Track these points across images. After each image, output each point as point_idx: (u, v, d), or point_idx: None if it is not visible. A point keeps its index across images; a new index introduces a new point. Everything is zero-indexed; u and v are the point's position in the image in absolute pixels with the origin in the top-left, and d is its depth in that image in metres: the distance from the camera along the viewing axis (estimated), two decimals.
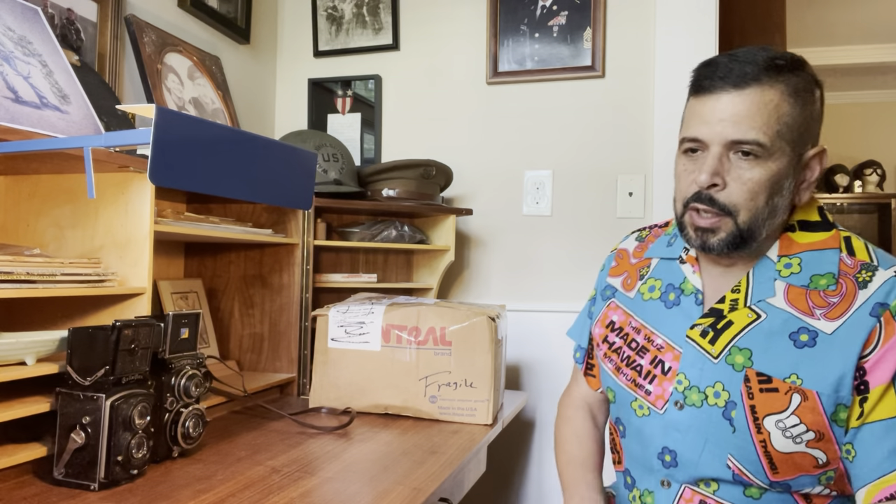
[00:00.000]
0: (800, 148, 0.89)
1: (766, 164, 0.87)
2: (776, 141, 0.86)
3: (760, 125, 0.86)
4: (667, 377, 0.95)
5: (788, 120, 0.87)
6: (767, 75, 0.87)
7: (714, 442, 0.89)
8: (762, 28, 2.38)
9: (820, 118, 0.92)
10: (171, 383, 1.03)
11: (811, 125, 0.90)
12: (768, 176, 0.87)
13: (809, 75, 0.90)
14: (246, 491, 0.90)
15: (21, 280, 0.94)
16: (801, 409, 0.84)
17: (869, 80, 4.76)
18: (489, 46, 2.02)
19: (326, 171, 1.72)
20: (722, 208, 0.89)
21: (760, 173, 0.87)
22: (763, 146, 0.86)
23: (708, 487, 0.91)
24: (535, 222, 2.00)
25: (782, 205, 0.90)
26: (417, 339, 1.35)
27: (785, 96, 0.87)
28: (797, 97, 0.87)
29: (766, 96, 0.86)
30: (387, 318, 1.37)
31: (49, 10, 1.37)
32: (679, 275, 1.00)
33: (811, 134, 0.90)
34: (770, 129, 0.86)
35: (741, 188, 0.87)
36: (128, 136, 0.82)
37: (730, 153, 0.88)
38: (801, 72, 0.90)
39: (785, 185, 0.89)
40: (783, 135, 0.87)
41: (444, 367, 1.33)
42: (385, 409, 1.36)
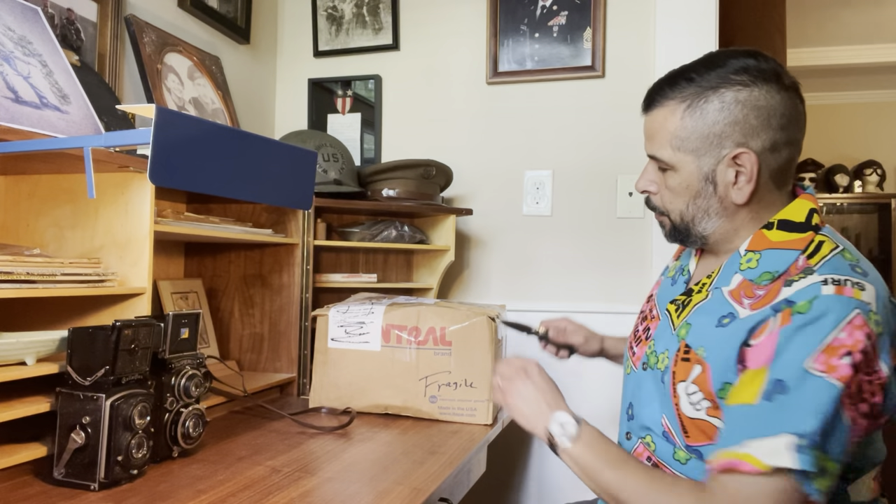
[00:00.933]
0: (709, 154, 0.93)
1: (676, 175, 0.96)
2: (675, 154, 0.95)
3: (659, 143, 0.97)
4: (646, 342, 1.05)
5: (681, 133, 0.94)
6: (662, 94, 0.96)
7: (657, 401, 0.98)
8: (762, 28, 2.38)
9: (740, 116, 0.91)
10: (171, 383, 1.03)
11: (717, 129, 0.92)
12: (679, 184, 0.97)
13: (713, 78, 0.92)
14: (246, 491, 0.90)
15: (21, 280, 0.94)
16: (699, 378, 0.91)
17: (869, 80, 4.76)
18: (489, 46, 2.02)
19: (326, 170, 1.72)
20: (658, 210, 1.03)
21: (674, 182, 0.97)
22: (663, 161, 0.97)
23: (650, 446, 0.99)
24: (535, 222, 2.00)
25: (712, 206, 0.96)
26: (417, 339, 1.35)
27: (674, 111, 0.94)
28: (691, 108, 0.93)
29: (659, 116, 0.97)
30: (387, 318, 1.37)
31: (49, 10, 1.37)
32: (688, 260, 1.10)
33: (723, 136, 0.92)
34: (665, 145, 0.96)
35: (663, 194, 1.00)
36: (128, 136, 0.82)
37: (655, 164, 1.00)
38: (704, 77, 0.93)
39: (702, 190, 0.95)
40: (680, 147, 0.95)
41: (444, 367, 1.33)
42: (385, 409, 1.36)
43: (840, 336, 0.78)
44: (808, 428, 0.75)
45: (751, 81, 0.91)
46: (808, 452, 0.75)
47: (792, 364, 0.79)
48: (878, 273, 0.89)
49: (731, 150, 0.92)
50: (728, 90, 0.91)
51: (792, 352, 0.80)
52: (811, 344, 0.79)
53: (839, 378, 0.77)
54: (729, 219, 0.96)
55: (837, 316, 0.80)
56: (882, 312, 0.82)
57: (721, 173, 0.93)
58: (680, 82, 0.95)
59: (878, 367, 0.80)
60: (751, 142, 0.91)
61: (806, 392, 0.77)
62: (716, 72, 0.93)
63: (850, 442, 0.79)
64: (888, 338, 0.82)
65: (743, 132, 0.91)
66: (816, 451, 0.75)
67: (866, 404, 0.79)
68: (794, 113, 0.93)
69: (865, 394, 0.79)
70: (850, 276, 0.83)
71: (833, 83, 4.82)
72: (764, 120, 0.91)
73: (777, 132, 0.92)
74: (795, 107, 0.93)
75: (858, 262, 0.87)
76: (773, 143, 0.92)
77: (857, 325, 0.79)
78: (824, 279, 0.83)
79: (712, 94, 0.92)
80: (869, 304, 0.81)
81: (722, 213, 0.96)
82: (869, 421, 0.81)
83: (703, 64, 0.95)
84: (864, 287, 0.82)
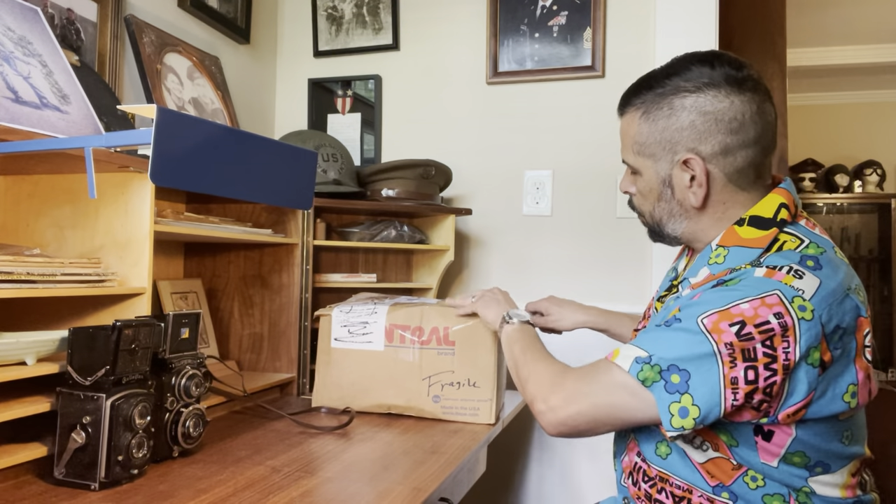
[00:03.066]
0: (664, 159, 0.98)
1: (641, 179, 1.02)
2: (637, 158, 1.01)
3: (626, 147, 1.03)
4: None
5: (640, 138, 0.99)
6: (626, 101, 1.02)
7: None
8: (762, 28, 2.38)
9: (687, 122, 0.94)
10: (172, 383, 1.03)
11: (667, 135, 0.96)
12: (645, 187, 1.02)
13: (668, 86, 0.96)
14: (246, 491, 0.90)
15: (21, 280, 0.94)
16: None
17: (869, 80, 4.76)
18: (489, 46, 2.02)
19: (326, 171, 1.72)
20: (637, 211, 1.08)
21: (641, 185, 1.03)
22: (630, 165, 1.03)
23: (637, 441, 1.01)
24: (535, 222, 2.00)
25: (673, 208, 1.00)
26: (421, 338, 1.35)
27: (634, 118, 1.00)
28: (646, 115, 0.98)
29: (625, 122, 1.02)
30: (390, 317, 1.36)
31: (49, 10, 1.37)
32: (681, 259, 1.13)
33: (674, 142, 0.96)
34: (630, 150, 1.02)
35: (636, 197, 1.06)
36: (129, 136, 0.82)
37: None
38: (661, 83, 0.96)
39: (662, 193, 1.00)
40: (640, 152, 1.00)
41: (447, 367, 1.33)
42: (388, 408, 1.36)
43: (743, 307, 0.83)
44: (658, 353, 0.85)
45: (697, 88, 0.94)
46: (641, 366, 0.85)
47: (692, 313, 0.85)
48: (848, 272, 0.89)
49: (682, 154, 0.95)
50: (676, 97, 0.95)
51: (699, 304, 0.86)
52: (714, 304, 0.84)
53: (717, 341, 0.82)
54: (692, 220, 1.00)
55: (751, 291, 0.84)
56: (821, 305, 0.83)
57: (676, 177, 0.97)
58: (641, 90, 0.99)
59: (789, 349, 0.81)
60: (700, 146, 0.94)
61: (682, 336, 0.85)
62: (670, 79, 0.97)
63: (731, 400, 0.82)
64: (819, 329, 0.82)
65: (692, 137, 0.94)
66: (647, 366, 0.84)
67: (754, 372, 0.82)
68: (749, 115, 0.93)
69: (758, 364, 0.81)
70: (791, 264, 0.86)
71: (833, 83, 4.82)
72: (711, 125, 0.93)
73: (728, 135, 0.93)
74: (749, 109, 0.93)
75: (819, 256, 0.88)
76: (725, 147, 0.93)
77: (767, 303, 0.82)
78: (762, 266, 0.87)
79: (662, 100, 0.96)
80: (800, 290, 0.83)
81: (684, 214, 1.00)
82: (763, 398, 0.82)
83: (662, 71, 0.98)
84: (802, 276, 0.84)
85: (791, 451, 0.87)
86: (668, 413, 0.83)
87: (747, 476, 0.88)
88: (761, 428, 0.87)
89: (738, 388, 0.82)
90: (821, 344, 0.82)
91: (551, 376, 0.95)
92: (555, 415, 0.90)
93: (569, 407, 0.89)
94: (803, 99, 5.00)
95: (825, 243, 0.91)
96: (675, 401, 0.83)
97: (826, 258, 0.88)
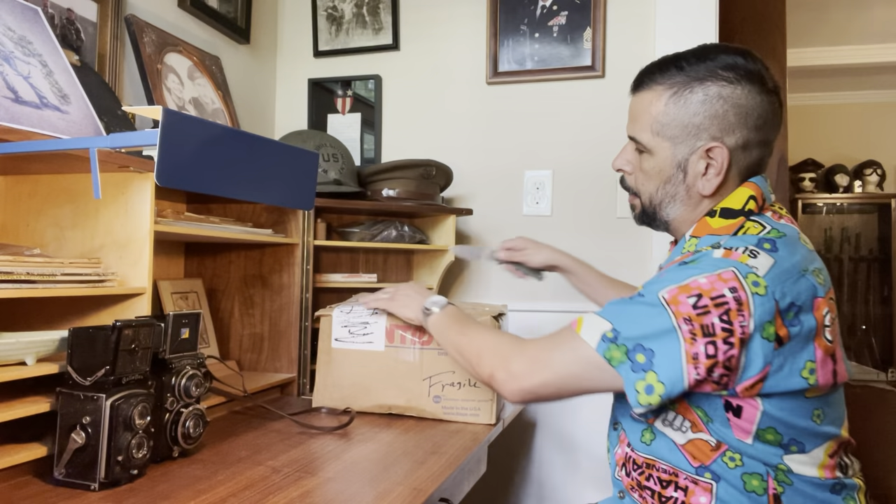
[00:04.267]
0: (685, 143, 0.97)
1: (651, 159, 1.00)
2: (653, 138, 0.99)
3: (641, 125, 1.00)
4: None
5: (663, 118, 0.97)
6: (650, 77, 0.99)
7: None
8: (762, 28, 2.38)
9: (720, 111, 0.95)
10: (172, 383, 1.03)
11: (697, 120, 0.96)
12: (653, 168, 1.01)
13: (702, 70, 0.95)
14: (246, 491, 0.90)
15: (21, 280, 0.93)
16: None
17: (869, 80, 4.76)
18: (489, 46, 2.02)
19: (326, 170, 1.72)
20: (630, 190, 1.07)
21: (648, 165, 1.01)
22: (642, 143, 1.01)
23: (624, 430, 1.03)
24: (535, 222, 2.00)
25: (679, 192, 1.00)
26: (421, 339, 1.34)
27: (660, 96, 0.98)
28: (675, 95, 0.96)
29: (645, 99, 1.00)
30: (391, 318, 1.36)
31: (49, 10, 1.37)
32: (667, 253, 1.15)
33: (701, 128, 0.96)
34: (646, 128, 0.99)
35: (637, 175, 1.05)
36: (134, 137, 0.82)
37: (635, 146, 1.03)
38: (694, 67, 0.96)
39: (673, 176, 0.99)
40: (659, 132, 0.98)
41: (447, 367, 1.33)
42: (389, 409, 1.36)
43: (700, 281, 0.86)
44: (624, 332, 0.87)
45: (736, 79, 0.95)
46: (608, 345, 0.87)
47: (654, 288, 0.88)
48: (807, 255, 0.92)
49: (706, 142, 0.96)
50: (713, 84, 0.95)
51: (660, 280, 0.89)
52: (674, 279, 0.88)
53: (675, 313, 0.85)
54: (692, 207, 1.01)
55: (708, 267, 0.87)
56: (774, 282, 0.86)
57: (693, 163, 0.98)
58: (670, 69, 0.97)
59: (745, 323, 0.84)
60: (726, 137, 0.96)
61: (645, 307, 0.87)
62: (705, 64, 0.96)
63: (694, 375, 0.85)
64: (772, 304, 0.85)
65: (720, 127, 0.96)
66: (613, 345, 0.87)
67: (713, 347, 0.84)
68: (771, 116, 0.97)
69: (717, 338, 0.84)
70: (748, 246, 0.89)
71: (833, 83, 4.82)
72: (742, 118, 0.95)
73: (752, 132, 0.96)
74: (774, 110, 0.97)
75: (777, 239, 0.91)
76: (746, 142, 0.96)
77: (722, 278, 0.85)
78: (721, 248, 0.90)
79: (698, 85, 0.95)
80: (754, 268, 0.86)
81: (687, 200, 1.00)
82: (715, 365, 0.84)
83: (694, 54, 0.97)
84: (756, 255, 0.88)
85: (762, 427, 0.88)
86: (635, 391, 0.86)
87: (726, 456, 0.90)
88: (731, 404, 0.89)
89: (700, 363, 0.84)
90: (775, 319, 0.85)
91: (509, 345, 0.97)
92: (518, 383, 0.92)
93: (533, 376, 0.92)
94: (803, 99, 5.00)
95: (788, 230, 0.94)
96: (640, 379, 0.86)
97: (784, 241, 0.91)
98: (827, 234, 5.08)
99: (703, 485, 0.91)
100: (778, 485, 0.89)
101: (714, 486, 0.90)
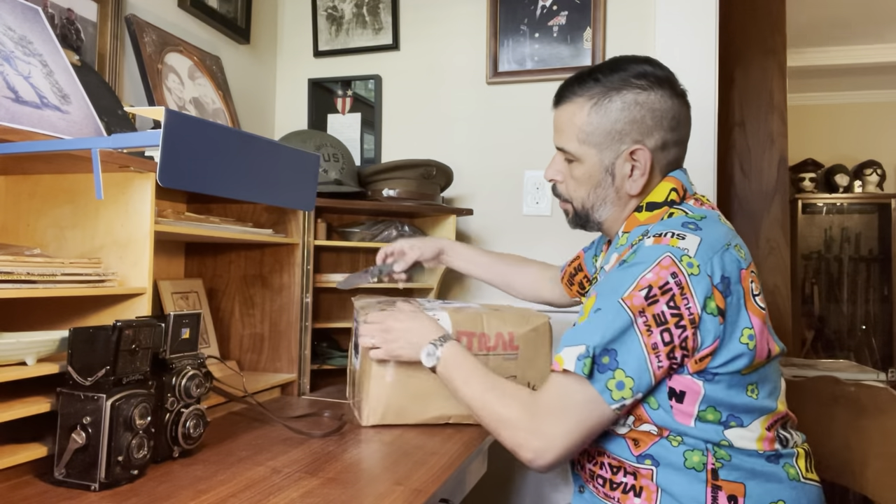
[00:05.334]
0: (610, 148, 1.04)
1: (580, 166, 1.07)
2: (580, 146, 1.06)
3: (567, 136, 1.07)
4: None
5: (587, 128, 1.05)
6: (571, 91, 1.07)
7: None
8: (762, 28, 2.38)
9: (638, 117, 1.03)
10: (172, 383, 1.03)
11: (619, 126, 1.03)
12: (583, 174, 1.08)
13: (616, 80, 1.03)
14: (246, 491, 0.90)
15: (21, 280, 0.93)
16: None
17: (869, 80, 4.76)
18: (489, 46, 2.02)
19: (327, 170, 1.72)
20: (562, 197, 1.14)
21: (578, 172, 1.08)
22: (570, 152, 1.07)
23: None
24: (535, 222, 2.00)
25: (609, 195, 1.07)
26: (487, 344, 1.29)
27: (581, 107, 1.05)
28: (596, 105, 1.04)
29: (567, 111, 1.07)
30: (455, 322, 1.27)
31: (49, 9, 1.37)
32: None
33: (623, 133, 1.03)
34: (572, 138, 1.06)
35: (568, 183, 1.11)
36: (137, 138, 0.82)
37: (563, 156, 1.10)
38: (609, 78, 1.03)
39: (602, 180, 1.07)
40: (585, 140, 1.05)
41: (510, 372, 1.29)
42: (448, 419, 1.29)
43: (648, 276, 0.91)
44: (593, 342, 0.91)
45: (648, 86, 1.03)
46: (584, 361, 0.90)
47: (611, 294, 0.93)
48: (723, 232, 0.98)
49: (629, 146, 1.04)
50: (629, 92, 1.03)
51: (612, 286, 0.94)
52: (628, 281, 0.92)
53: (631, 307, 0.91)
54: (621, 207, 1.08)
55: (648, 259, 0.93)
56: (703, 258, 0.92)
57: (619, 167, 1.05)
58: (588, 81, 1.05)
59: (691, 305, 0.90)
60: (646, 140, 1.04)
61: (607, 315, 0.92)
62: (618, 74, 1.04)
63: (652, 366, 0.91)
64: (707, 279, 0.91)
65: (640, 131, 1.03)
66: (588, 360, 0.90)
67: (669, 334, 0.90)
68: (683, 117, 1.06)
69: (669, 325, 0.90)
70: (673, 230, 0.96)
71: (833, 83, 4.82)
72: (658, 121, 1.03)
73: (668, 132, 1.05)
74: (685, 112, 1.06)
75: (698, 220, 0.98)
76: (664, 142, 1.05)
77: (664, 266, 0.91)
78: (650, 236, 0.97)
79: (615, 94, 1.03)
80: (685, 249, 0.93)
81: (616, 201, 1.08)
82: (675, 350, 0.91)
83: (608, 66, 1.06)
84: (684, 237, 0.94)
85: (702, 408, 0.94)
86: (608, 390, 0.91)
87: (667, 439, 0.95)
88: (674, 391, 0.94)
89: (660, 352, 0.91)
90: (713, 293, 0.91)
91: (520, 417, 0.96)
92: (545, 460, 0.94)
93: (556, 449, 0.93)
94: (803, 99, 5.00)
95: (709, 213, 1.02)
96: (609, 378, 0.91)
97: (705, 222, 0.98)
98: (827, 234, 5.08)
99: (644, 472, 0.96)
100: (717, 461, 0.94)
101: (654, 471, 0.96)
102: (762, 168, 2.38)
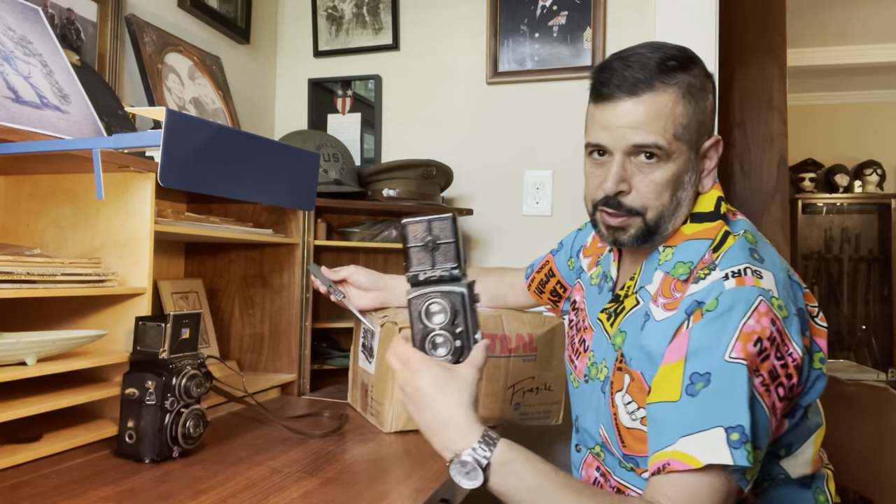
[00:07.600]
0: (697, 142, 0.93)
1: (668, 165, 0.90)
2: (674, 142, 0.89)
3: (658, 129, 0.88)
4: (585, 354, 1.05)
5: (683, 120, 0.90)
6: (660, 80, 0.89)
7: (596, 412, 0.99)
8: (762, 28, 2.38)
9: (714, 109, 0.95)
10: (172, 383, 1.03)
11: (705, 119, 0.93)
12: (671, 175, 0.90)
13: (701, 71, 0.94)
14: (246, 491, 0.90)
15: (21, 280, 0.93)
16: (631, 387, 0.91)
17: (869, 80, 4.76)
18: (489, 46, 2.02)
19: (327, 170, 1.72)
20: (629, 210, 0.92)
21: (663, 174, 0.90)
22: (662, 149, 0.89)
23: (599, 456, 1.01)
24: (535, 222, 2.00)
25: (686, 197, 0.93)
26: (508, 346, 1.27)
27: (678, 98, 0.89)
28: (690, 96, 0.90)
29: (660, 101, 0.89)
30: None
31: (49, 10, 1.37)
32: (608, 264, 1.07)
33: (707, 127, 0.94)
34: (667, 132, 0.89)
35: (647, 189, 0.91)
36: (138, 138, 0.82)
37: (632, 157, 0.91)
38: (693, 68, 0.93)
39: (686, 179, 0.92)
40: (680, 135, 0.90)
41: (529, 373, 1.29)
42: None
43: (750, 323, 0.80)
44: (740, 420, 0.76)
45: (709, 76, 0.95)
46: (742, 447, 0.75)
47: (711, 356, 0.79)
48: (775, 254, 0.91)
49: (710, 138, 0.95)
50: (708, 81, 0.95)
51: (708, 345, 0.80)
52: (726, 334, 0.80)
53: (751, 364, 0.78)
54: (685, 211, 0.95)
55: (745, 305, 0.81)
56: (784, 296, 0.84)
57: (703, 163, 0.95)
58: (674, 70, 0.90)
59: (791, 350, 0.82)
60: (713, 130, 0.96)
61: (729, 381, 0.78)
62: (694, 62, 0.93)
63: (772, 427, 0.81)
64: (796, 318, 0.84)
65: (713, 122, 0.95)
66: (749, 445, 0.75)
67: (783, 388, 0.81)
68: None
69: (781, 378, 0.81)
70: (749, 264, 0.85)
71: (833, 83, 4.82)
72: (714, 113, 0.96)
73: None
74: None
75: (756, 245, 0.90)
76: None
77: (762, 312, 0.81)
78: (725, 274, 0.84)
79: (700, 82, 0.92)
80: (769, 290, 0.83)
81: (688, 204, 0.94)
82: (786, 403, 0.84)
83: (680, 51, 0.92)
84: (762, 275, 0.84)
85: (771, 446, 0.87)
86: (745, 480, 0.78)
87: None
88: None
89: (777, 410, 0.83)
90: (801, 331, 0.85)
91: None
92: None
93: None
94: (803, 99, 5.00)
95: (750, 228, 0.93)
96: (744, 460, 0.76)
97: (762, 248, 0.90)
98: (827, 234, 5.08)
99: None
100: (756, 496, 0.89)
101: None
102: (762, 168, 2.38)
